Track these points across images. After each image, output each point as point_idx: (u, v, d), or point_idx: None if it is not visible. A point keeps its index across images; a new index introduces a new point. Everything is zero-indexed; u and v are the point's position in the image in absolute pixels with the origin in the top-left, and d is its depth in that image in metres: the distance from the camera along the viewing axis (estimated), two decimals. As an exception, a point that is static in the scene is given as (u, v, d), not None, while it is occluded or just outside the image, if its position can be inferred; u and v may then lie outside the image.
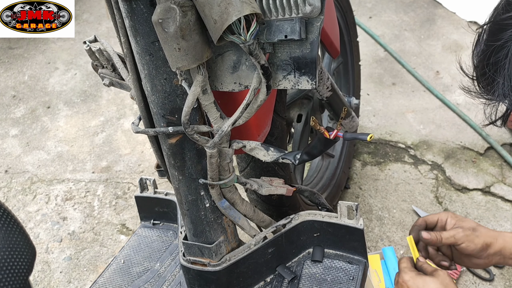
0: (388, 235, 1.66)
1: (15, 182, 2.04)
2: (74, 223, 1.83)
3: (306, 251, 1.02)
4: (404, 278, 0.88)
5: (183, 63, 0.62)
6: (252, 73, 0.68)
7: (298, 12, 0.60)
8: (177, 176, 0.82)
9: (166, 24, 0.59)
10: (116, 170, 2.05)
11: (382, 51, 2.61)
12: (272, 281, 0.99)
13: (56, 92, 2.56)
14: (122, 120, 2.33)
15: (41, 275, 1.65)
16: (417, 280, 0.86)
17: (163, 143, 0.80)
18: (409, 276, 0.87)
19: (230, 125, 0.72)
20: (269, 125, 1.00)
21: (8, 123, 2.38)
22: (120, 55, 0.89)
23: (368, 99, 2.27)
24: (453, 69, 2.42)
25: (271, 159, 0.81)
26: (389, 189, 1.82)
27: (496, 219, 1.66)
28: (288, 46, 0.65)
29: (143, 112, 0.78)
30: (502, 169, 1.86)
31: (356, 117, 1.35)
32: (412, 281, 0.86)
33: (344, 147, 1.79)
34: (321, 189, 1.60)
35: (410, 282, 0.86)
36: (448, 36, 2.67)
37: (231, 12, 0.56)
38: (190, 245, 0.91)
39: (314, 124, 0.73)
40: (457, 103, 2.20)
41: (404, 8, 2.97)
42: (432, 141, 2.02)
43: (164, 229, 1.21)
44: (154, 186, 1.20)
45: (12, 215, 0.65)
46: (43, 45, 2.92)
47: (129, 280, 1.10)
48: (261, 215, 0.96)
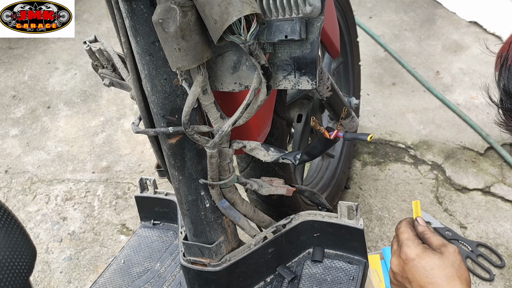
0: (388, 235, 1.66)
1: (15, 182, 2.04)
2: (74, 223, 1.83)
3: (306, 251, 1.02)
4: (408, 255, 0.74)
5: (183, 63, 0.62)
6: (252, 73, 0.68)
7: (298, 12, 0.60)
8: (177, 176, 0.82)
9: (166, 24, 0.59)
10: (116, 170, 2.05)
11: (382, 51, 2.61)
12: (272, 281, 0.99)
13: (56, 92, 2.56)
14: (122, 120, 2.33)
15: (41, 275, 1.65)
16: (425, 259, 0.72)
17: (163, 143, 0.80)
18: (414, 253, 0.73)
19: (230, 125, 0.72)
20: (269, 125, 1.00)
21: (8, 123, 2.38)
22: (120, 55, 0.89)
23: (368, 99, 2.27)
24: (453, 69, 2.42)
25: (271, 159, 0.81)
26: (389, 189, 1.82)
27: (496, 219, 1.66)
28: (288, 46, 0.65)
29: (143, 112, 0.78)
30: (502, 169, 1.86)
31: (356, 117, 1.35)
32: (419, 260, 0.72)
33: (344, 147, 1.79)
34: (321, 189, 1.60)
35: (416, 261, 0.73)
36: (448, 36, 2.67)
37: (231, 12, 0.56)
38: (190, 245, 0.91)
39: (314, 124, 0.73)
40: (457, 103, 2.20)
41: (404, 8, 2.97)
42: (432, 141, 2.02)
43: (164, 229, 1.21)
44: (154, 186, 1.20)
45: (13, 216, 0.65)
46: (43, 45, 2.92)
47: (129, 280, 1.10)
48: (261, 215, 0.96)
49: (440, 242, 0.76)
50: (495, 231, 1.62)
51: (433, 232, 0.79)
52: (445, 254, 0.73)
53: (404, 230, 0.79)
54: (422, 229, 0.80)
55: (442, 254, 0.73)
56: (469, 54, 2.50)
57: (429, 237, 0.78)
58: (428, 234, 0.79)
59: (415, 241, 0.76)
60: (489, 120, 2.09)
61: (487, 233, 1.62)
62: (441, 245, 0.75)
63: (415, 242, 0.76)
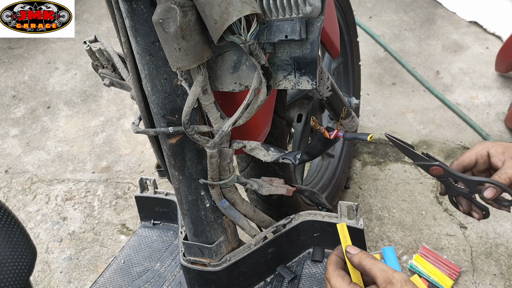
0: (388, 235, 1.66)
1: (15, 182, 2.04)
2: (74, 223, 1.83)
3: (306, 251, 1.02)
4: None
5: (184, 63, 0.62)
6: (252, 73, 0.68)
7: (298, 12, 0.60)
8: (177, 176, 0.82)
9: (167, 24, 0.59)
10: (116, 170, 2.05)
11: (382, 51, 2.61)
12: (272, 281, 0.99)
13: (56, 92, 2.56)
14: (122, 120, 2.33)
15: (41, 275, 1.65)
16: None
17: (163, 143, 0.80)
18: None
19: (231, 125, 0.72)
20: (269, 125, 1.00)
21: (8, 123, 2.38)
22: (120, 55, 0.89)
23: (368, 99, 2.27)
24: (453, 69, 2.42)
25: (271, 159, 0.81)
26: (389, 189, 1.82)
27: (496, 219, 1.66)
28: (289, 46, 0.65)
29: (144, 112, 0.78)
30: (502, 169, 1.86)
31: (356, 117, 1.35)
32: None
33: (344, 147, 1.79)
34: (321, 189, 1.60)
35: None
36: (448, 36, 2.67)
37: (231, 12, 0.56)
38: (190, 245, 0.91)
39: (314, 124, 0.73)
40: (457, 103, 2.20)
41: (404, 8, 2.97)
42: (432, 141, 2.02)
43: (164, 229, 1.21)
44: (154, 186, 1.20)
45: (13, 216, 0.65)
46: (43, 45, 2.92)
47: (129, 280, 1.10)
48: (261, 215, 0.96)
49: (383, 275, 0.64)
50: (495, 231, 1.62)
51: (371, 258, 0.68)
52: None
53: (336, 284, 0.67)
54: (358, 259, 0.69)
55: None
56: (469, 54, 2.50)
57: (370, 268, 0.66)
58: (368, 265, 0.67)
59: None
60: (489, 120, 2.09)
61: (487, 233, 1.62)
62: (385, 280, 0.64)
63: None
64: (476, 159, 0.77)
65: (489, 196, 0.71)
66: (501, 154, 0.74)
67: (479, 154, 0.76)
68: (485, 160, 0.76)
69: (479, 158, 0.76)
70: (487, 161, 0.76)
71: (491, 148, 0.75)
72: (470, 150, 0.78)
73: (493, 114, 2.12)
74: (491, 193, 0.71)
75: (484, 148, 0.76)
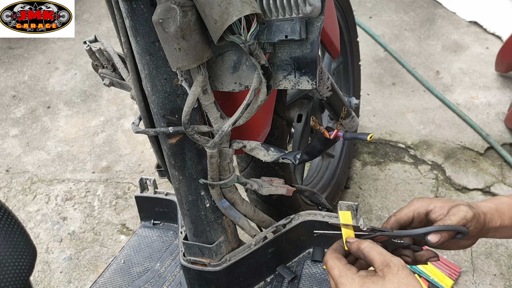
0: (388, 235, 1.66)
1: (15, 182, 2.04)
2: (74, 223, 1.83)
3: (306, 251, 1.02)
4: None
5: (184, 63, 0.62)
6: (252, 73, 0.68)
7: (298, 12, 0.60)
8: (177, 176, 0.82)
9: (167, 24, 0.59)
10: (116, 170, 2.05)
11: (382, 51, 2.61)
12: (272, 281, 0.99)
13: (56, 92, 2.56)
14: (122, 120, 2.33)
15: (41, 275, 1.65)
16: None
17: (163, 143, 0.80)
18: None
19: (231, 125, 0.72)
20: (269, 125, 1.00)
21: (8, 123, 2.38)
22: (120, 55, 0.90)
23: (368, 99, 2.27)
24: (453, 69, 2.42)
25: (271, 159, 0.81)
26: (389, 189, 1.82)
27: (496, 219, 1.66)
28: (289, 46, 0.65)
29: (144, 112, 0.78)
30: (502, 169, 1.86)
31: (356, 117, 1.35)
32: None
33: (344, 147, 1.79)
34: (321, 189, 1.60)
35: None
36: (448, 36, 2.67)
37: (231, 12, 0.56)
38: (190, 245, 0.91)
39: (314, 124, 0.73)
40: (457, 103, 2.20)
41: (404, 8, 2.97)
42: (432, 141, 2.02)
43: (164, 229, 1.21)
44: (154, 186, 1.20)
45: (13, 216, 0.65)
46: (43, 45, 2.92)
47: (129, 280, 1.10)
48: (261, 215, 0.96)
49: (381, 259, 0.65)
50: (495, 231, 1.62)
51: (369, 242, 0.68)
52: (387, 278, 0.62)
53: (333, 265, 0.68)
54: (356, 244, 0.69)
55: (384, 278, 0.62)
56: (469, 54, 2.50)
57: (368, 251, 0.67)
58: (366, 249, 0.67)
59: (348, 275, 0.65)
60: (489, 120, 2.09)
61: (487, 233, 1.62)
62: (382, 263, 0.64)
63: (348, 277, 0.65)
64: (413, 217, 0.78)
65: (434, 240, 0.71)
66: (441, 208, 0.75)
67: (416, 212, 0.77)
68: (422, 219, 0.77)
69: (416, 216, 0.77)
70: (424, 219, 0.77)
71: (430, 204, 0.76)
72: (407, 206, 0.78)
73: (493, 114, 2.12)
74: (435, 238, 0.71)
75: (422, 206, 0.77)
